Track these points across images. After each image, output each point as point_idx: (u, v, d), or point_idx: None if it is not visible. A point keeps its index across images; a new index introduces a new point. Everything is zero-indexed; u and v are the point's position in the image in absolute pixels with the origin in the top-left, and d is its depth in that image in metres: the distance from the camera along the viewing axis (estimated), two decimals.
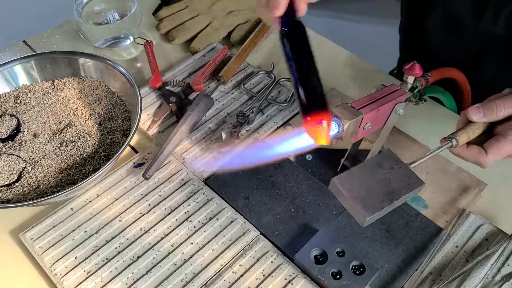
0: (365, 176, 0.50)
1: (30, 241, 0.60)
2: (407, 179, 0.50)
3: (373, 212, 0.47)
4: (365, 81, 0.80)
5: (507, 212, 0.64)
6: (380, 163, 0.51)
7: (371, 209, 0.47)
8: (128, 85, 0.70)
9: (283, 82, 0.80)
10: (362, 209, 0.48)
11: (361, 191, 0.49)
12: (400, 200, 0.49)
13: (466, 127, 0.53)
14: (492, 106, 0.52)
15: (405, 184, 0.50)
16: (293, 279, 0.57)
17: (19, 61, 0.73)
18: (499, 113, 0.52)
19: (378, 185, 0.49)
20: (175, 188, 0.66)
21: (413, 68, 0.59)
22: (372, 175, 0.50)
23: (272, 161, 0.68)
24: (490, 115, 0.52)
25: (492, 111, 0.52)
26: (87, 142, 0.66)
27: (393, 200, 0.48)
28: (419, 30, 0.85)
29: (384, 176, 0.50)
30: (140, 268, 0.58)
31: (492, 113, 0.52)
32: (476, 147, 0.52)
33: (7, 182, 0.62)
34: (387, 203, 0.48)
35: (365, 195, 0.49)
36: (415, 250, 0.60)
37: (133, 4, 0.85)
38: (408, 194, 0.49)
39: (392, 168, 0.51)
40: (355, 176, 0.50)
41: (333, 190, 0.51)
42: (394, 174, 0.50)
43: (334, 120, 0.53)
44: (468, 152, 0.53)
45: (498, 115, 0.52)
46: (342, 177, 0.50)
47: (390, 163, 0.51)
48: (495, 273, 0.57)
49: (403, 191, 0.49)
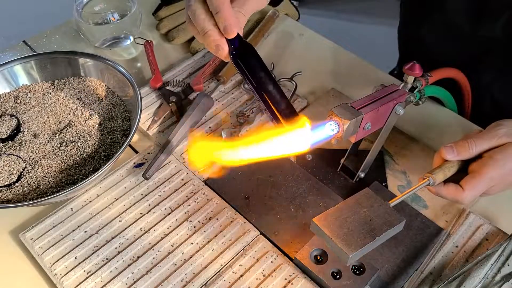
0: (345, 215, 0.52)
1: (30, 241, 0.60)
2: (388, 216, 0.52)
3: (355, 249, 0.49)
4: (365, 81, 0.80)
5: (507, 212, 0.64)
6: (360, 202, 0.53)
7: (353, 247, 0.49)
8: (128, 85, 0.70)
9: (283, 82, 0.80)
10: (345, 247, 0.49)
11: (343, 230, 0.50)
12: (382, 237, 0.50)
13: (442, 165, 0.55)
14: (465, 144, 0.54)
15: (386, 221, 0.51)
16: (293, 279, 0.57)
17: (19, 61, 0.73)
18: (471, 150, 0.54)
19: (359, 223, 0.51)
20: (175, 188, 0.66)
21: (413, 68, 0.59)
22: (352, 214, 0.52)
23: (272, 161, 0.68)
24: (463, 153, 0.54)
25: (465, 149, 0.54)
26: (87, 142, 0.66)
27: (375, 237, 0.50)
28: (416, 35, 0.85)
29: (365, 214, 0.52)
30: (140, 268, 0.58)
31: (465, 151, 0.54)
32: (453, 185, 0.55)
33: (7, 182, 0.62)
34: (369, 239, 0.49)
35: (347, 234, 0.50)
36: (415, 250, 0.60)
37: (133, 4, 0.85)
38: (390, 231, 0.51)
39: (372, 206, 0.53)
40: (336, 216, 0.52)
41: (315, 230, 0.52)
42: (375, 212, 0.52)
43: (332, 120, 0.54)
44: (446, 190, 0.55)
45: (471, 153, 0.54)
46: (322, 217, 0.52)
47: (370, 202, 0.53)
48: (495, 273, 0.57)
49: (384, 227, 0.51)
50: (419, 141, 0.72)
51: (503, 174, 0.53)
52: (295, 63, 0.83)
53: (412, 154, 0.70)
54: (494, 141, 0.54)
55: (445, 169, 0.54)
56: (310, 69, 0.84)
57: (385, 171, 0.68)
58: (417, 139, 0.72)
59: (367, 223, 0.51)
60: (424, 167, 0.67)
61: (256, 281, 0.57)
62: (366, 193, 0.54)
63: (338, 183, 0.67)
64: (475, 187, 0.53)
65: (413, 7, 0.86)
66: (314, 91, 0.81)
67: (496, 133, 0.54)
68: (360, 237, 0.49)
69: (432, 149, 0.71)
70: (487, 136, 0.54)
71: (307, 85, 0.81)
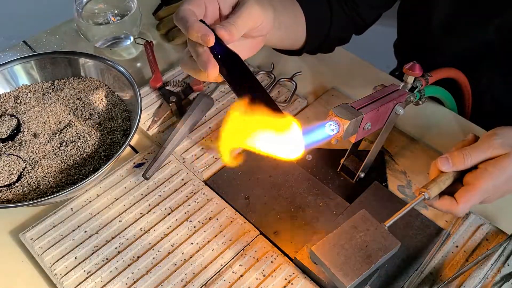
0: (342, 242, 0.53)
1: (30, 241, 0.60)
2: (383, 241, 0.53)
3: (352, 279, 0.50)
4: (365, 81, 0.80)
5: (507, 212, 0.64)
6: (356, 226, 0.54)
7: (350, 277, 0.50)
8: (128, 85, 0.70)
9: (283, 82, 0.80)
10: (342, 277, 0.50)
11: (340, 258, 0.52)
12: (377, 263, 0.52)
13: (437, 178, 0.55)
14: (460, 156, 0.54)
15: (382, 246, 0.53)
16: (293, 279, 0.57)
17: (19, 61, 0.73)
18: (466, 162, 0.54)
19: (356, 250, 0.52)
20: (175, 188, 0.66)
21: (413, 68, 0.59)
22: (349, 240, 0.53)
23: (272, 161, 0.68)
24: (458, 165, 0.55)
25: (460, 160, 0.54)
26: (87, 142, 0.66)
27: (371, 264, 0.51)
28: (414, 38, 0.86)
29: (361, 239, 0.53)
30: (140, 268, 0.58)
31: (461, 162, 0.54)
32: (448, 198, 0.55)
33: (7, 182, 0.62)
34: (365, 268, 0.51)
35: (344, 262, 0.51)
36: (415, 250, 0.60)
37: (133, 4, 0.85)
38: (385, 257, 0.52)
39: (368, 230, 0.54)
40: (333, 243, 0.53)
41: (313, 259, 0.54)
42: (371, 237, 0.53)
43: (333, 120, 0.54)
44: (441, 203, 0.55)
45: (466, 165, 0.54)
46: (320, 245, 0.53)
47: (366, 225, 0.54)
48: (495, 273, 0.57)
49: (380, 253, 0.52)
50: (419, 141, 0.72)
51: (498, 186, 0.53)
52: (295, 63, 0.83)
53: (412, 154, 0.70)
54: (489, 152, 0.54)
55: (440, 183, 0.55)
56: (310, 69, 0.84)
57: (385, 171, 0.68)
58: (417, 139, 0.72)
59: (363, 249, 0.52)
60: (424, 167, 0.68)
61: (256, 281, 0.57)
62: (362, 215, 0.55)
63: (338, 183, 0.67)
64: (470, 200, 0.53)
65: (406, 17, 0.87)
66: (314, 91, 0.81)
67: (491, 144, 0.54)
68: (357, 265, 0.51)
69: (432, 149, 0.71)
70: (482, 147, 0.55)
71: (307, 85, 0.81)
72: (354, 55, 0.87)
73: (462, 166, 0.54)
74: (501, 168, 0.53)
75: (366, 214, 0.55)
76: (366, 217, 0.55)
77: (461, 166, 0.55)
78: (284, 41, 0.70)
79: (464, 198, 0.53)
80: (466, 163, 0.54)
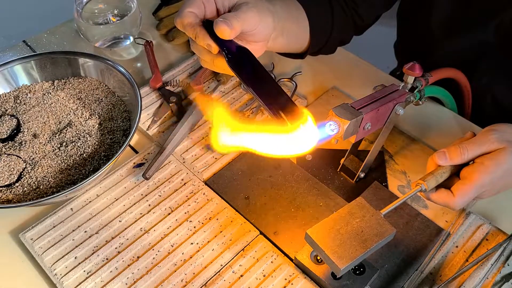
0: (338, 226, 0.53)
1: (30, 241, 0.60)
2: (379, 227, 0.53)
3: (346, 261, 0.50)
4: (365, 81, 0.80)
5: (507, 212, 0.64)
6: (352, 212, 0.54)
7: (344, 259, 0.50)
8: (128, 85, 0.70)
9: (283, 82, 0.80)
10: (337, 259, 0.50)
11: (335, 242, 0.52)
12: (372, 248, 0.51)
13: (434, 171, 0.55)
14: (457, 150, 0.55)
15: (377, 232, 0.53)
16: (293, 279, 0.57)
17: (19, 61, 0.73)
18: (464, 156, 0.55)
19: (352, 234, 0.52)
20: (175, 188, 0.66)
21: (413, 68, 0.59)
22: (345, 225, 0.53)
23: (272, 161, 0.68)
24: (456, 159, 0.55)
25: (458, 155, 0.55)
26: (87, 142, 0.66)
27: (366, 249, 0.51)
28: (414, 38, 0.86)
29: (357, 225, 0.53)
30: (140, 268, 0.58)
31: (458, 156, 0.55)
32: (445, 191, 0.55)
33: (7, 182, 0.62)
34: (359, 252, 0.51)
35: (339, 246, 0.51)
36: (415, 250, 0.60)
37: (133, 4, 0.85)
38: (380, 242, 0.52)
39: (364, 216, 0.54)
40: (329, 227, 0.53)
41: (308, 241, 0.54)
42: (367, 223, 0.53)
43: (333, 121, 0.54)
44: (437, 196, 0.56)
45: (463, 158, 0.55)
46: (316, 229, 0.53)
47: (362, 212, 0.54)
48: (495, 273, 0.57)
49: (375, 239, 0.52)
50: (419, 141, 0.72)
51: (494, 180, 0.54)
52: (295, 63, 0.83)
53: (412, 154, 0.70)
54: (486, 146, 0.54)
55: (437, 175, 0.55)
56: (310, 69, 0.84)
57: (385, 171, 0.68)
58: (417, 139, 0.72)
59: (359, 234, 0.52)
60: (424, 167, 0.67)
61: (256, 281, 0.57)
62: (359, 202, 0.55)
63: (338, 183, 0.67)
64: (466, 194, 0.53)
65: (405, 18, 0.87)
66: (314, 91, 0.81)
67: (488, 138, 0.54)
68: (352, 249, 0.51)
69: (432, 149, 0.71)
70: (479, 142, 0.55)
71: (307, 85, 0.81)
72: (354, 55, 0.87)
73: (459, 160, 0.55)
74: (497, 163, 0.53)
75: (363, 201, 0.55)
76: (362, 204, 0.55)
77: (458, 160, 0.55)
78: (288, 46, 0.70)
79: (461, 191, 0.53)
80: (463, 157, 0.54)
